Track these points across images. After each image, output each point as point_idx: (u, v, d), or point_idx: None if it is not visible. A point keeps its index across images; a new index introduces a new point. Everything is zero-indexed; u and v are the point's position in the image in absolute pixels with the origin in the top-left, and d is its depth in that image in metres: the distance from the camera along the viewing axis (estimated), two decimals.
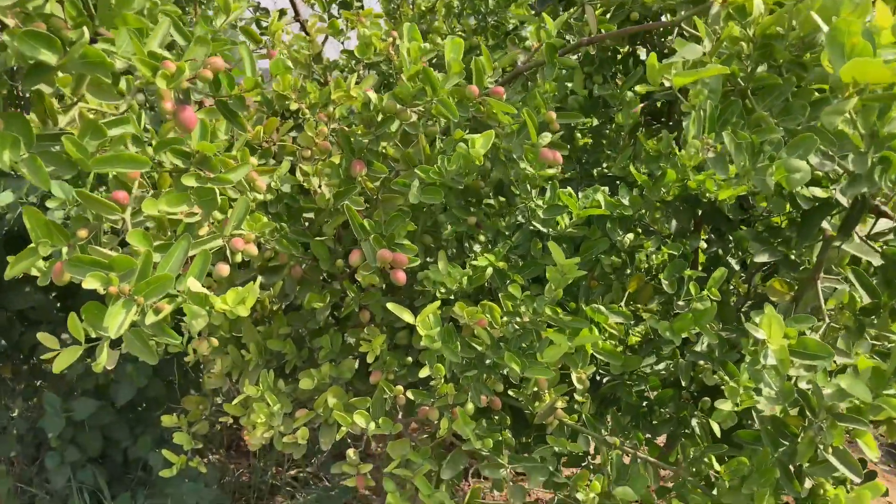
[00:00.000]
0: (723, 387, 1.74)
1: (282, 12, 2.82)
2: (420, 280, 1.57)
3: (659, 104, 2.31)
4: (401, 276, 1.32)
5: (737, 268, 2.28)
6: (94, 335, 1.00)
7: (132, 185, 1.10)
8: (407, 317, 1.39)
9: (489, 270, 1.59)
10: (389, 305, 1.39)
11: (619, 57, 2.12)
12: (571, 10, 1.61)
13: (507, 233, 1.89)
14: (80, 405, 2.65)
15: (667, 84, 0.96)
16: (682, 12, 1.33)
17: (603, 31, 1.55)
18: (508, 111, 1.36)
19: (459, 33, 2.66)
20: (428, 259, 1.94)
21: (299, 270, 1.87)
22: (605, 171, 1.97)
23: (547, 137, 1.40)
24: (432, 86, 1.29)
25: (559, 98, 2.02)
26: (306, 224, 1.72)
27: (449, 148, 1.37)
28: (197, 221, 1.22)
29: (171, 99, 0.95)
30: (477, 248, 1.82)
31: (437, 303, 1.37)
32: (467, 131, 1.37)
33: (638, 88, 1.08)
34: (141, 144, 1.29)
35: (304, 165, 1.66)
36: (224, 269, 1.24)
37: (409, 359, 1.79)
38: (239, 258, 1.25)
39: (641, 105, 1.93)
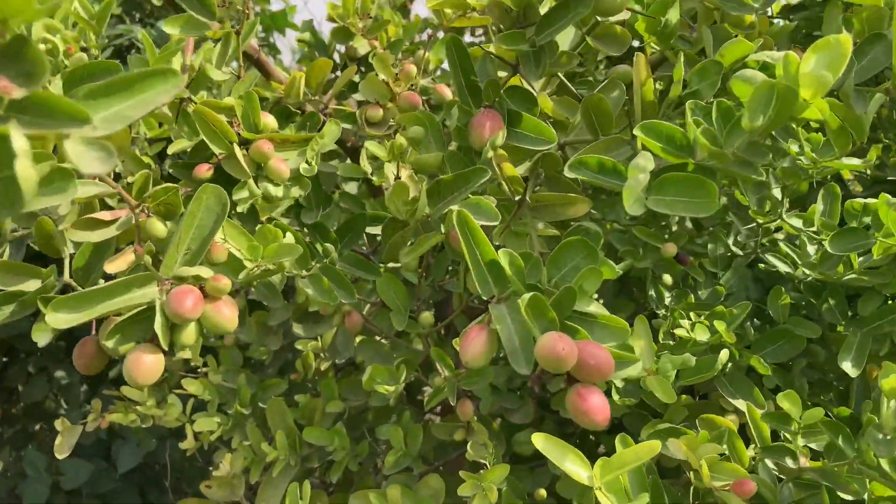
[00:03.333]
0: None
1: None
2: None
3: None
4: (598, 412, 0.54)
5: None
6: None
7: None
8: (575, 466, 0.62)
9: (724, 355, 0.80)
10: (538, 441, 0.62)
11: None
12: None
13: (713, 270, 1.10)
14: (72, 468, 1.99)
15: None
16: None
17: None
18: None
19: None
20: None
21: (358, 319, 1.13)
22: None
23: None
24: None
25: None
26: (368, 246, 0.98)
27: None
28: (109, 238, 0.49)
29: None
30: (667, 297, 1.03)
31: (655, 446, 0.59)
32: None
33: None
34: None
35: (371, 141, 0.91)
36: (146, 370, 0.50)
37: (543, 491, 1.02)
38: (191, 337, 0.50)
39: None
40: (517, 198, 0.69)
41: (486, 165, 0.64)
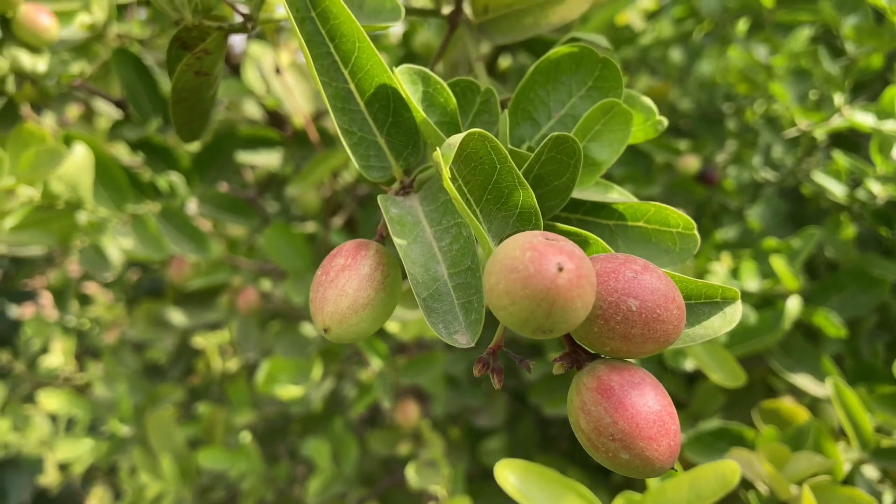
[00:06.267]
0: None
1: None
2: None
3: None
4: (656, 435, 0.25)
5: None
6: None
7: None
8: None
9: (793, 306, 0.51)
10: (507, 475, 0.31)
11: None
12: None
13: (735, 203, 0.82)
14: None
15: None
16: None
17: None
18: None
19: None
20: None
21: (253, 297, 0.82)
22: None
23: None
24: None
25: None
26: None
27: None
28: None
29: None
30: None
31: (731, 472, 0.30)
32: None
33: None
34: None
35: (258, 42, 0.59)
36: None
37: None
38: None
39: None
40: (447, 8, 0.38)
41: None
